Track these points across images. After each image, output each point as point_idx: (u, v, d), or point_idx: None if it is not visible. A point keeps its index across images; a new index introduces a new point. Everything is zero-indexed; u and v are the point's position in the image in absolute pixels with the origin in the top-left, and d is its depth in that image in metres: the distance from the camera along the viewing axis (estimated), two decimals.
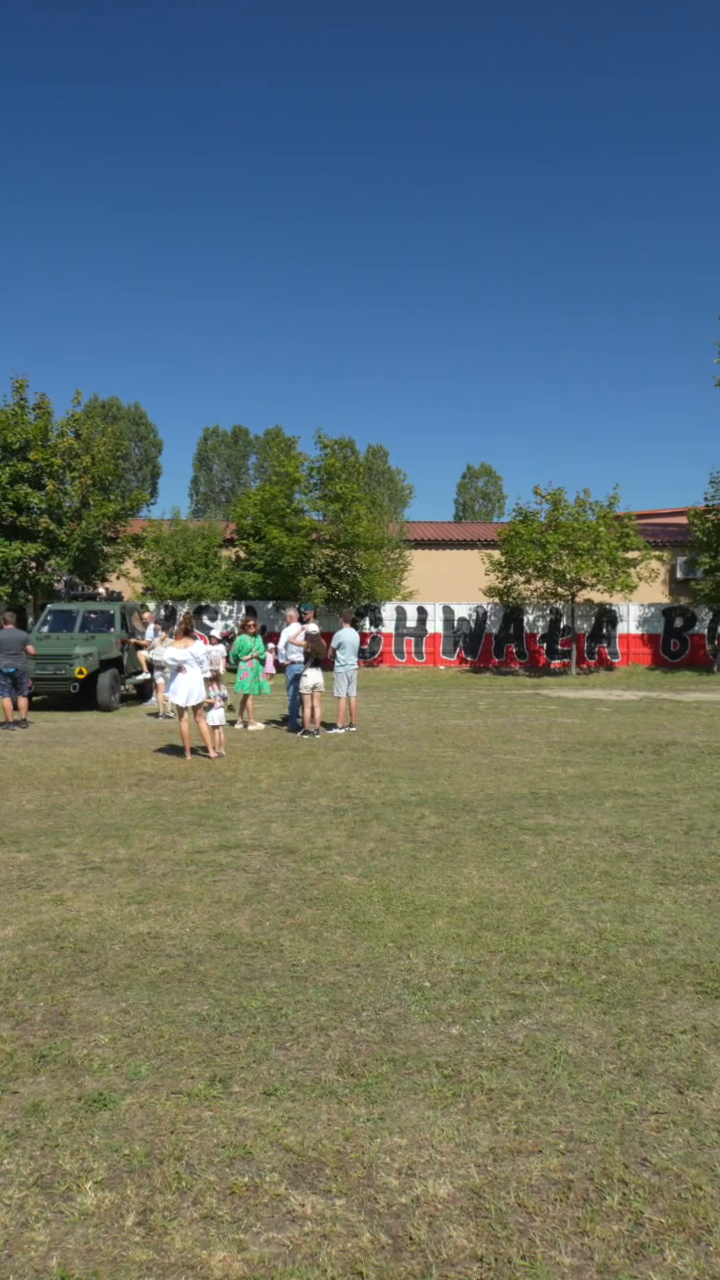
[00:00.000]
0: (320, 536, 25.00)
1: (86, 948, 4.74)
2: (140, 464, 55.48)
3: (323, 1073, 3.42)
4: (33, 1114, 3.13)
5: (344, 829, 7.39)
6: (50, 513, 22.37)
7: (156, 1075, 3.40)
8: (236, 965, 4.50)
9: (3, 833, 7.22)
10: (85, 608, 17.21)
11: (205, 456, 61.04)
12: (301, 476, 25.10)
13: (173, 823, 7.59)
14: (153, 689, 16.39)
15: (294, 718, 13.47)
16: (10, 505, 22.29)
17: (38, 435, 22.58)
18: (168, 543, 25.59)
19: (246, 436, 60.70)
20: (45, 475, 22.51)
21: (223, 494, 59.29)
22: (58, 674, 15.24)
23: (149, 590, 25.46)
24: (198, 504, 59.16)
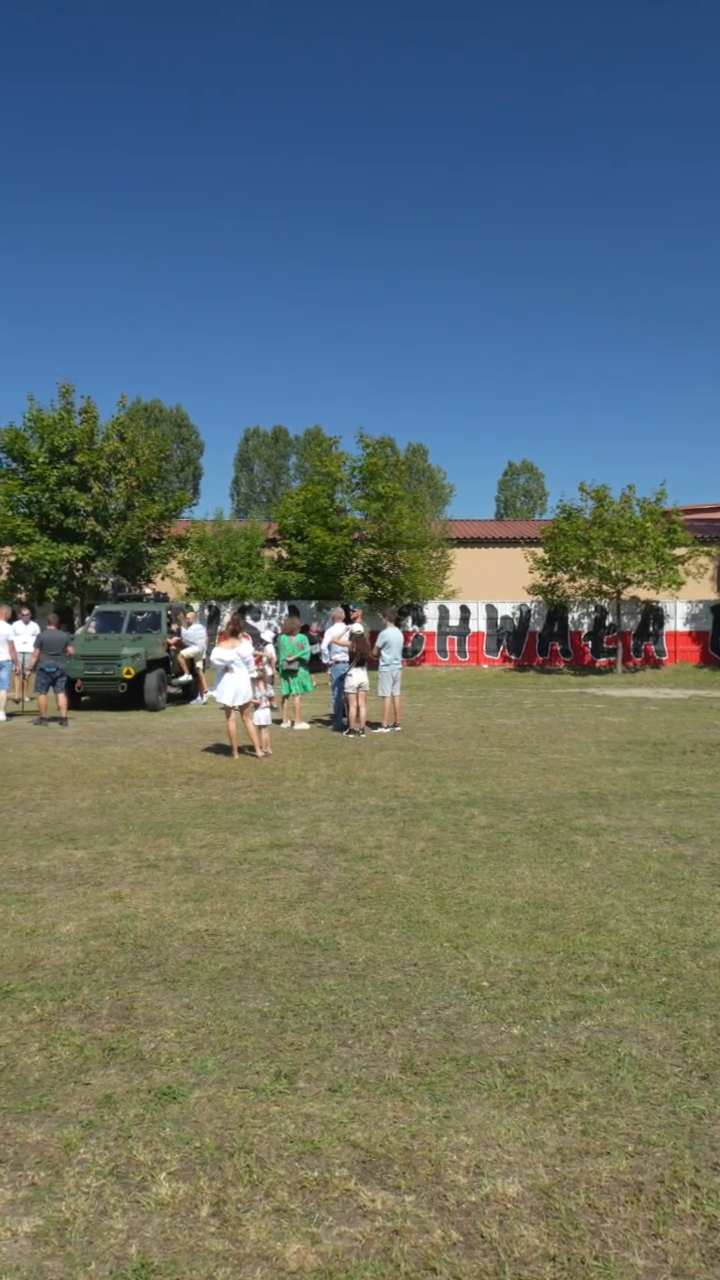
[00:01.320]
0: (362, 535, 25.04)
1: (147, 944, 4.82)
2: (182, 465, 56.03)
3: (386, 1070, 3.44)
4: (105, 1105, 3.20)
5: (394, 828, 7.42)
6: (96, 515, 22.69)
7: (223, 1070, 3.45)
8: (295, 963, 4.55)
9: (59, 830, 7.36)
10: (132, 609, 17.43)
11: (246, 457, 61.46)
12: (343, 476, 25.16)
13: (224, 821, 7.68)
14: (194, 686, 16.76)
15: (339, 717, 13.52)
16: (57, 508, 22.65)
17: (84, 439, 22.92)
18: (211, 543, 25.82)
19: (287, 437, 61.00)
20: (91, 478, 22.84)
21: (263, 494, 59.66)
22: (106, 674, 15.47)
23: (193, 591, 25.71)
24: (239, 504, 59.60)
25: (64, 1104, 3.21)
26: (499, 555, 30.79)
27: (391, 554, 24.93)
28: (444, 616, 26.21)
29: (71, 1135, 3.01)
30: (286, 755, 11.15)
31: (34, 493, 22.69)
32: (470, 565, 30.14)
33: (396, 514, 24.34)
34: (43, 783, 9.37)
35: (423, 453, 55.77)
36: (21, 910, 5.39)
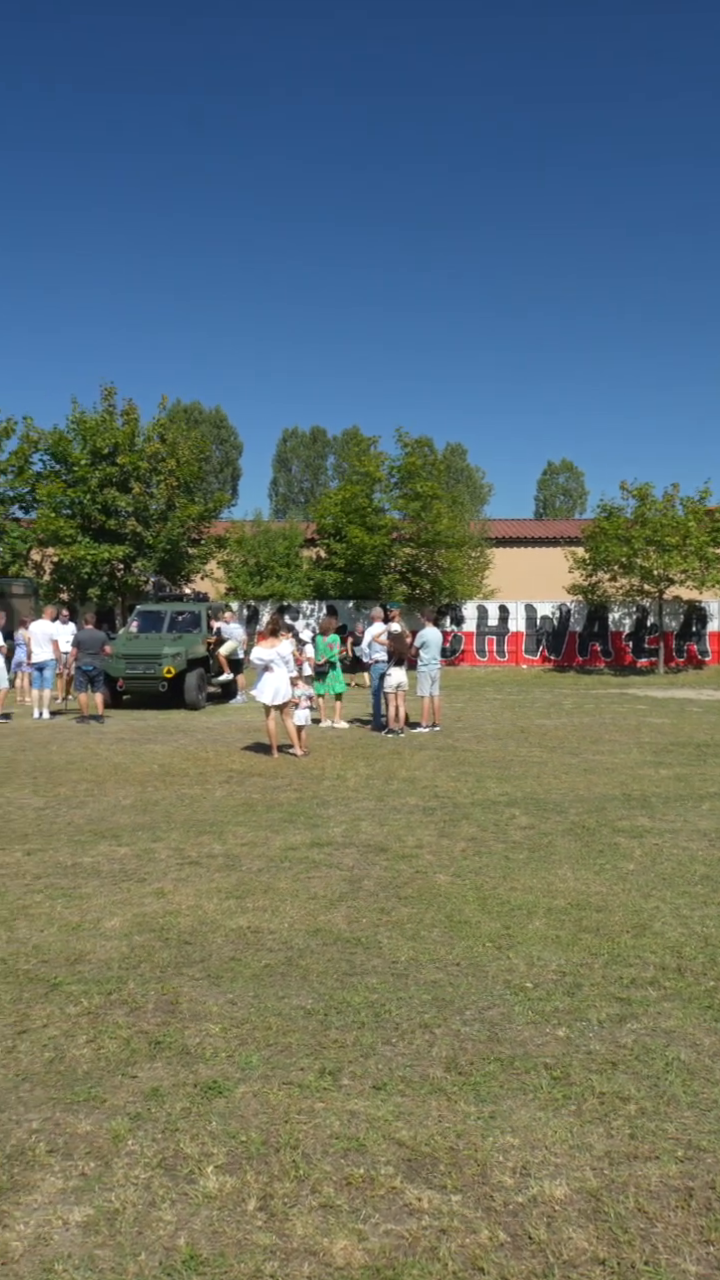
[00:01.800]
0: (401, 535, 25.02)
1: (190, 940, 4.86)
2: (221, 466, 56.44)
3: (430, 1070, 3.44)
4: (152, 1098, 3.24)
5: (434, 828, 7.40)
6: (137, 515, 22.95)
7: (267, 1065, 3.47)
8: (337, 961, 4.55)
9: (103, 827, 7.45)
10: (172, 608, 17.59)
11: (284, 458, 61.73)
12: (382, 475, 25.16)
13: (264, 820, 7.72)
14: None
15: (378, 717, 13.52)
16: (99, 509, 22.95)
17: (125, 440, 23.18)
18: (250, 544, 25.98)
19: (325, 437, 61.14)
20: (132, 479, 23.10)
21: (301, 494, 59.86)
22: (147, 673, 15.63)
23: (232, 590, 25.89)
24: (277, 505, 59.89)
25: (112, 1096, 3.25)
26: (538, 555, 30.57)
27: (430, 554, 24.88)
28: (483, 616, 26.09)
29: (120, 1127, 3.05)
30: (325, 754, 11.18)
31: (76, 494, 23.02)
32: (509, 565, 29.97)
33: (435, 513, 24.28)
34: (86, 780, 9.49)
35: (461, 452, 55.57)
36: (67, 905, 5.46)
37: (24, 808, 8.18)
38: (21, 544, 23.81)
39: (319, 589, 25.78)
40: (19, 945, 4.78)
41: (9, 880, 5.97)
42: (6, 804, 8.31)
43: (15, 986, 4.22)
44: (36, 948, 4.75)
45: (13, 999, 4.09)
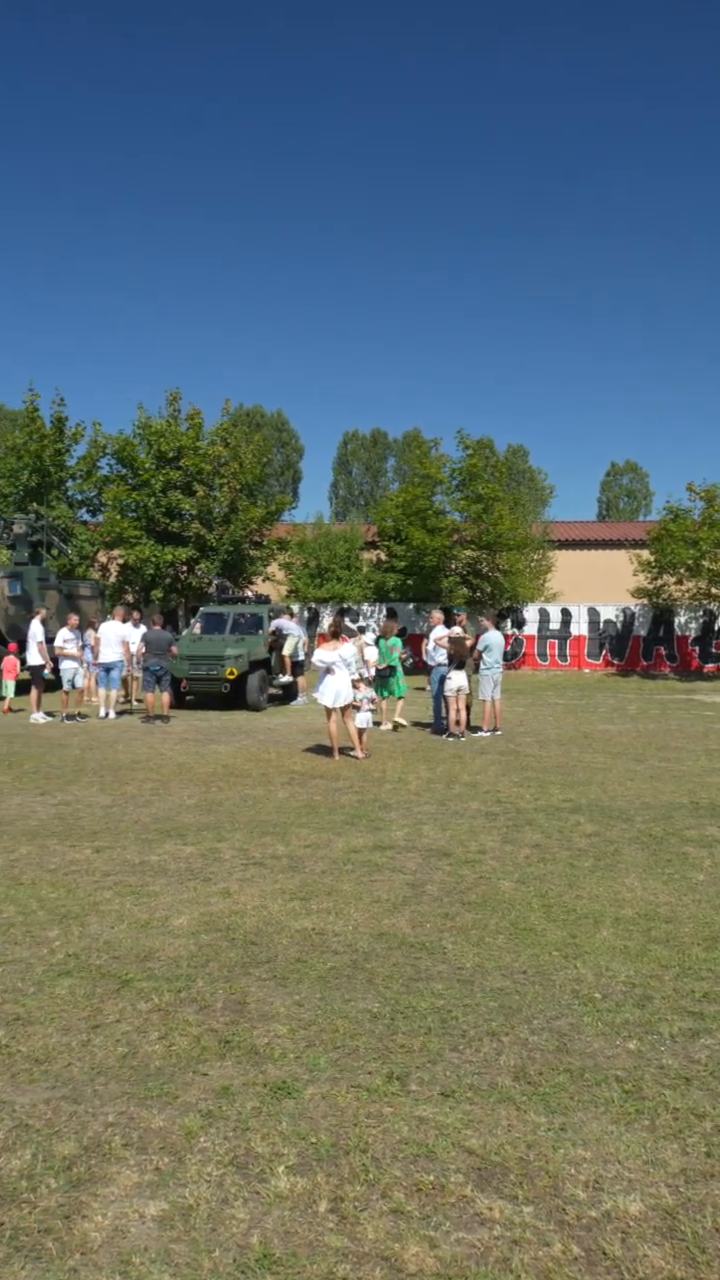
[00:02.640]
0: (462, 537, 24.90)
1: (256, 940, 4.91)
2: (282, 469, 56.90)
3: (498, 1078, 3.42)
4: (223, 1096, 3.28)
5: (497, 834, 7.35)
6: (200, 518, 23.28)
7: (335, 1068, 3.49)
8: (402, 965, 4.56)
9: (169, 826, 7.57)
10: (235, 610, 17.78)
11: (345, 460, 61.94)
12: (443, 477, 25.08)
13: (326, 822, 7.75)
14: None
15: (439, 720, 13.49)
16: (163, 511, 23.33)
17: (190, 444, 23.54)
18: (311, 546, 26.13)
19: (385, 440, 61.17)
20: (196, 482, 23.44)
21: (362, 497, 60.01)
22: (210, 674, 15.83)
23: (292, 593, 26.07)
24: (337, 508, 60.14)
25: (184, 1092, 3.31)
26: (601, 557, 30.12)
27: (491, 556, 24.70)
28: (544, 619, 25.80)
29: (192, 1124, 3.10)
30: (386, 757, 11.19)
31: (141, 497, 23.46)
32: (571, 567, 29.59)
33: (496, 515, 24.11)
34: (151, 779, 9.65)
35: (523, 453, 55.06)
36: (136, 903, 5.57)
37: (92, 805, 8.36)
38: (89, 546, 24.35)
39: (379, 591, 25.80)
40: (91, 941, 4.89)
41: (80, 877, 6.10)
42: (76, 802, 8.50)
43: (89, 981, 4.32)
44: (108, 944, 4.85)
45: (86, 993, 4.18)
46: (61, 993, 4.19)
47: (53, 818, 7.85)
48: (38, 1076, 3.42)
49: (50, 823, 7.66)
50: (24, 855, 6.61)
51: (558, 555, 29.18)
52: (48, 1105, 3.21)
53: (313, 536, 26.83)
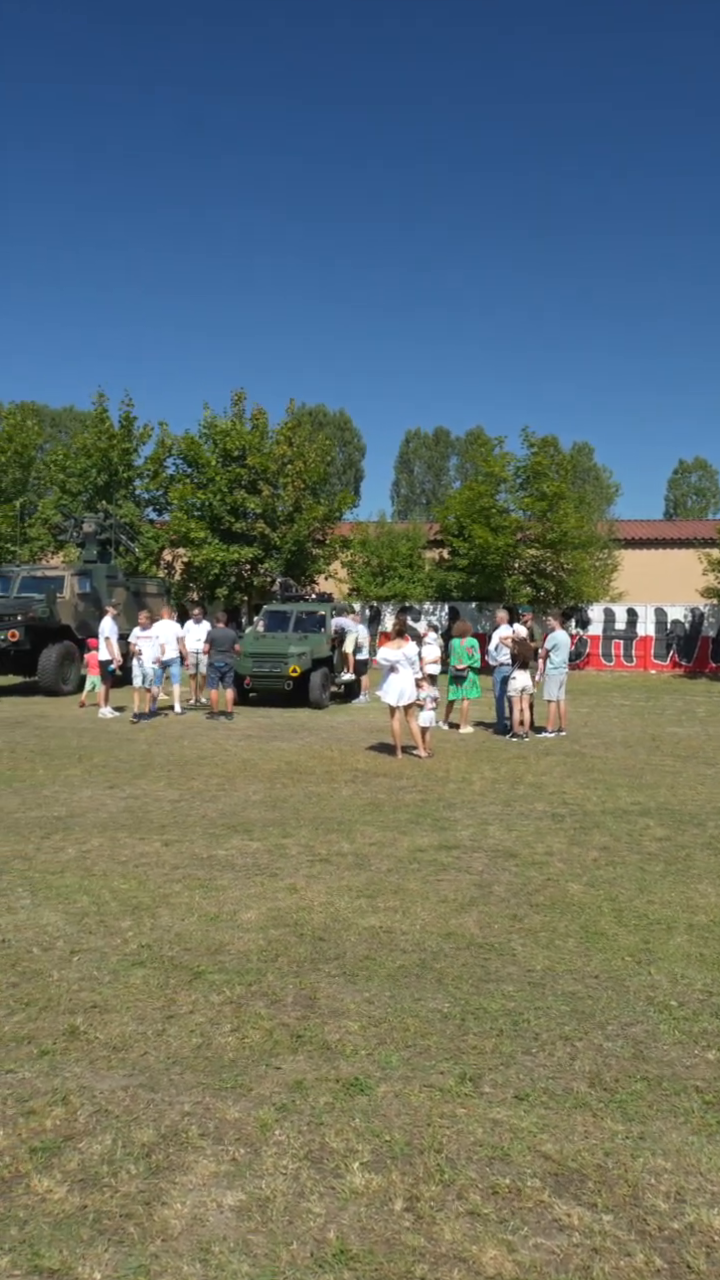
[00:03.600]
0: (526, 536, 24.64)
1: (324, 936, 4.93)
2: (344, 468, 57.09)
3: (573, 1083, 3.37)
4: (296, 1090, 3.30)
5: (564, 836, 7.26)
6: (265, 517, 23.48)
7: (407, 1067, 3.49)
8: (471, 966, 4.53)
9: (235, 822, 7.65)
10: (298, 608, 17.89)
11: (407, 459, 61.88)
12: (508, 475, 24.85)
13: (391, 820, 7.75)
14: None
15: (501, 720, 13.37)
16: (228, 511, 23.60)
17: (254, 443, 23.77)
18: (373, 545, 26.15)
19: (448, 438, 60.93)
20: (260, 481, 23.66)
21: (424, 496, 59.86)
22: (273, 672, 15.96)
23: (355, 591, 26.12)
24: (399, 506, 60.12)
25: (257, 1085, 3.34)
26: (669, 556, 29.51)
27: (555, 555, 24.38)
28: (609, 620, 25.38)
29: (267, 1116, 3.12)
30: (450, 757, 11.13)
31: (206, 496, 23.77)
32: (638, 567, 29.04)
33: (561, 513, 23.79)
34: (217, 775, 9.77)
35: (588, 451, 54.27)
36: (205, 896, 5.64)
37: (160, 800, 8.49)
38: (155, 544, 24.76)
39: (441, 590, 25.69)
40: (162, 932, 4.97)
41: (150, 869, 6.20)
42: (144, 796, 8.65)
43: (162, 972, 4.39)
44: (179, 935, 4.92)
45: (160, 984, 4.25)
46: (136, 982, 4.26)
47: (122, 811, 8.00)
48: (115, 1064, 3.48)
49: (120, 816, 7.81)
50: (95, 847, 6.75)
51: (623, 554, 28.67)
52: (126, 1092, 3.27)
53: (375, 535, 26.84)
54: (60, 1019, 3.85)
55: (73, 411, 49.18)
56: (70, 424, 45.86)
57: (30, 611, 16.83)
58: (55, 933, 4.93)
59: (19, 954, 4.61)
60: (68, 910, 5.30)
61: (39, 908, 5.34)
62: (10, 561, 24.77)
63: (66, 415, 50.29)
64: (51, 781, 9.21)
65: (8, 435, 26.56)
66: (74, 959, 4.55)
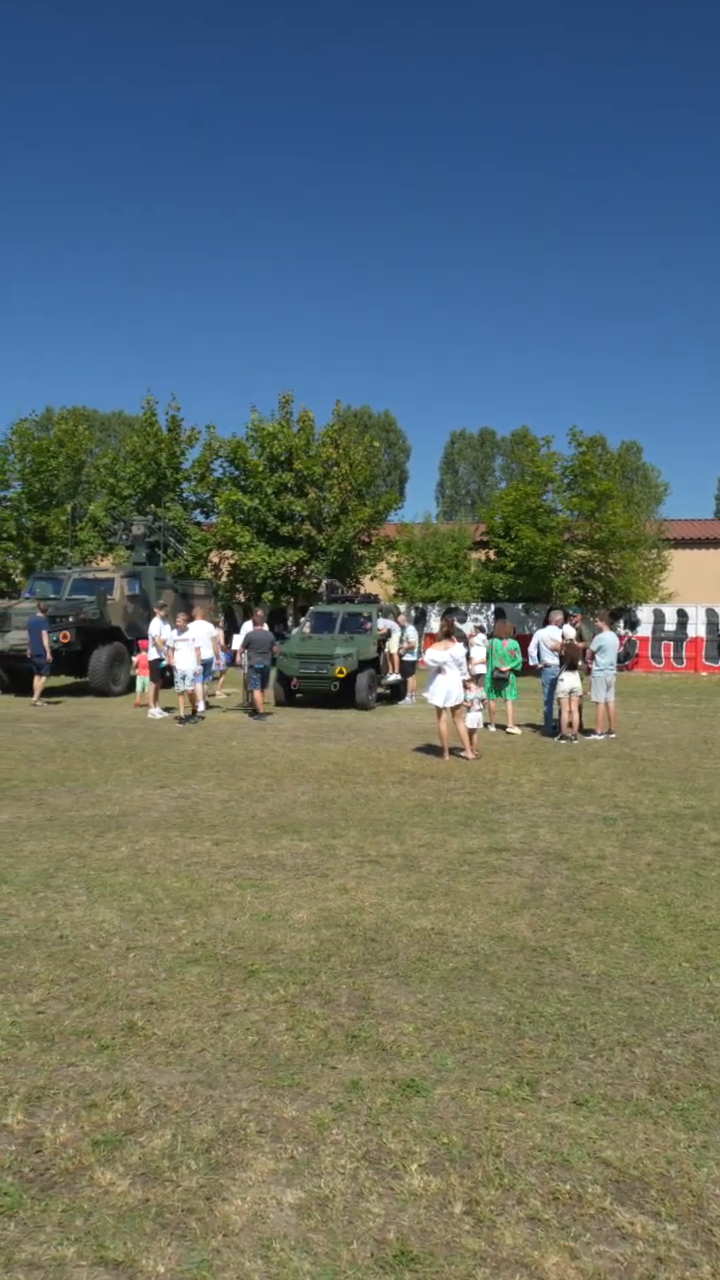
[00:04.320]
0: (574, 536, 24.40)
1: (376, 937, 4.93)
2: (389, 469, 57.08)
3: (633, 1090, 3.33)
4: (352, 1090, 3.30)
5: (615, 839, 7.17)
6: (311, 519, 23.58)
7: (463, 1069, 3.47)
8: (525, 969, 4.49)
9: (284, 822, 7.69)
10: (344, 610, 17.92)
11: (451, 460, 61.66)
12: (555, 475, 24.63)
13: (440, 822, 7.72)
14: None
15: (550, 722, 13.25)
16: (275, 514, 23.74)
17: (301, 446, 23.89)
18: (419, 546, 26.11)
19: (493, 438, 60.58)
20: (307, 484, 23.77)
21: (469, 497, 59.61)
22: (320, 673, 16.01)
23: (400, 592, 26.10)
24: (444, 507, 59.93)
25: (314, 1084, 3.35)
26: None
27: (604, 555, 24.11)
28: (659, 620, 25.01)
29: (324, 1115, 3.13)
30: (498, 759, 11.06)
31: (252, 501, 23.96)
32: (688, 567, 28.57)
33: (609, 512, 23.51)
34: (265, 775, 9.83)
35: (636, 450, 53.51)
36: (256, 895, 5.67)
37: (210, 799, 8.57)
38: (202, 547, 25.01)
39: (487, 591, 25.55)
40: (215, 931, 5.01)
41: (201, 868, 6.26)
42: (194, 795, 8.74)
43: (216, 970, 4.43)
44: (232, 934, 4.96)
45: (215, 981, 4.29)
46: (191, 980, 4.30)
47: (173, 810, 8.08)
48: (173, 1060, 3.52)
49: (171, 815, 7.89)
50: (148, 846, 6.83)
51: (673, 554, 28.23)
52: (184, 1088, 3.31)
53: (421, 536, 26.79)
54: (119, 1014, 3.90)
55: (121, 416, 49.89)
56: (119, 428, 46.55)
57: (81, 613, 17.11)
58: (111, 929, 5.00)
59: (77, 950, 4.69)
60: (122, 907, 5.38)
61: (95, 904, 5.42)
62: (61, 564, 25.22)
63: (115, 420, 51.04)
64: (104, 781, 9.34)
65: (59, 441, 27.04)
66: (130, 955, 4.62)
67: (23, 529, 26.12)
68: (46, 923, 5.09)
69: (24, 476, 26.40)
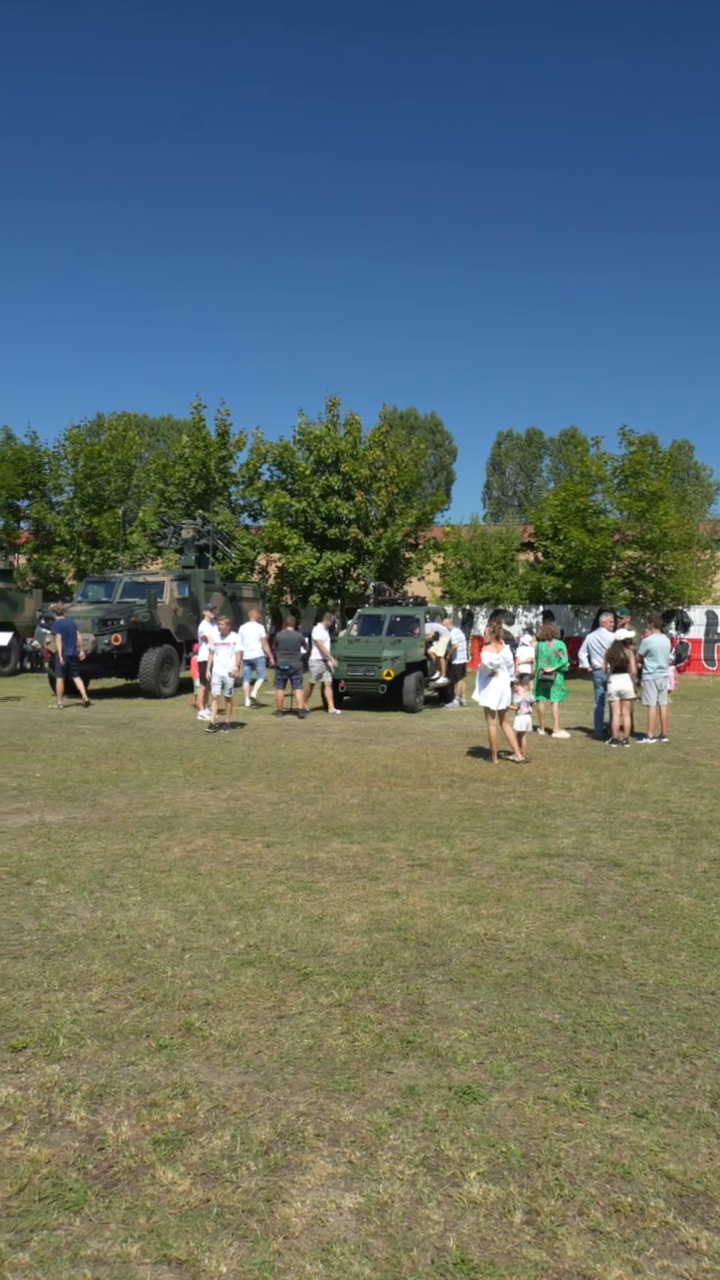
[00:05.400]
0: (624, 537, 24.08)
1: (428, 942, 4.92)
2: (435, 471, 56.94)
3: (694, 1103, 3.27)
4: (409, 1096, 3.30)
5: (670, 845, 7.06)
6: (358, 522, 23.62)
7: (520, 1077, 3.44)
8: (580, 977, 4.45)
9: (334, 824, 7.71)
10: (392, 612, 17.92)
11: (498, 461, 61.31)
12: (605, 475, 24.34)
13: (490, 826, 7.68)
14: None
15: (599, 725, 13.10)
16: (322, 518, 23.83)
17: (348, 449, 23.96)
18: (466, 547, 26.00)
19: (540, 439, 60.10)
20: (354, 487, 23.82)
21: (516, 498, 59.20)
22: (367, 675, 16.03)
23: (447, 594, 26.02)
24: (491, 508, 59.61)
25: (370, 1089, 3.35)
26: None
27: (655, 556, 23.75)
28: (712, 622, 24.56)
29: (381, 1120, 3.13)
30: (548, 762, 10.97)
31: (299, 504, 24.09)
32: None
33: (661, 512, 23.15)
34: (314, 778, 9.86)
35: (688, 449, 52.66)
36: (308, 898, 5.70)
37: (260, 801, 8.63)
38: (250, 550, 25.21)
39: (535, 593, 25.33)
40: (269, 933, 5.04)
41: (253, 870, 6.31)
42: (244, 797, 8.80)
43: (270, 972, 4.46)
44: (284, 936, 4.99)
45: (269, 984, 4.32)
46: (246, 981, 4.34)
47: (223, 812, 8.15)
48: (230, 1061, 3.55)
49: (221, 816, 7.96)
50: (200, 847, 6.90)
51: None
52: (242, 1090, 3.34)
53: (468, 537, 26.67)
54: (176, 1015, 3.95)
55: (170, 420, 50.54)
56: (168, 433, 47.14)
57: (132, 616, 17.35)
58: (166, 930, 5.06)
59: (133, 950, 4.76)
60: (176, 908, 5.44)
61: (150, 905, 5.49)
62: (112, 568, 25.61)
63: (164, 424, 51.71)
64: (155, 782, 9.46)
65: (110, 445, 27.48)
66: (185, 956, 4.67)
67: (75, 533, 26.59)
68: (103, 922, 5.17)
69: (76, 481, 26.89)
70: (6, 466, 27.13)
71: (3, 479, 27.14)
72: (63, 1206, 2.66)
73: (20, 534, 28.52)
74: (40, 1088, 3.34)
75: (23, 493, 27.69)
